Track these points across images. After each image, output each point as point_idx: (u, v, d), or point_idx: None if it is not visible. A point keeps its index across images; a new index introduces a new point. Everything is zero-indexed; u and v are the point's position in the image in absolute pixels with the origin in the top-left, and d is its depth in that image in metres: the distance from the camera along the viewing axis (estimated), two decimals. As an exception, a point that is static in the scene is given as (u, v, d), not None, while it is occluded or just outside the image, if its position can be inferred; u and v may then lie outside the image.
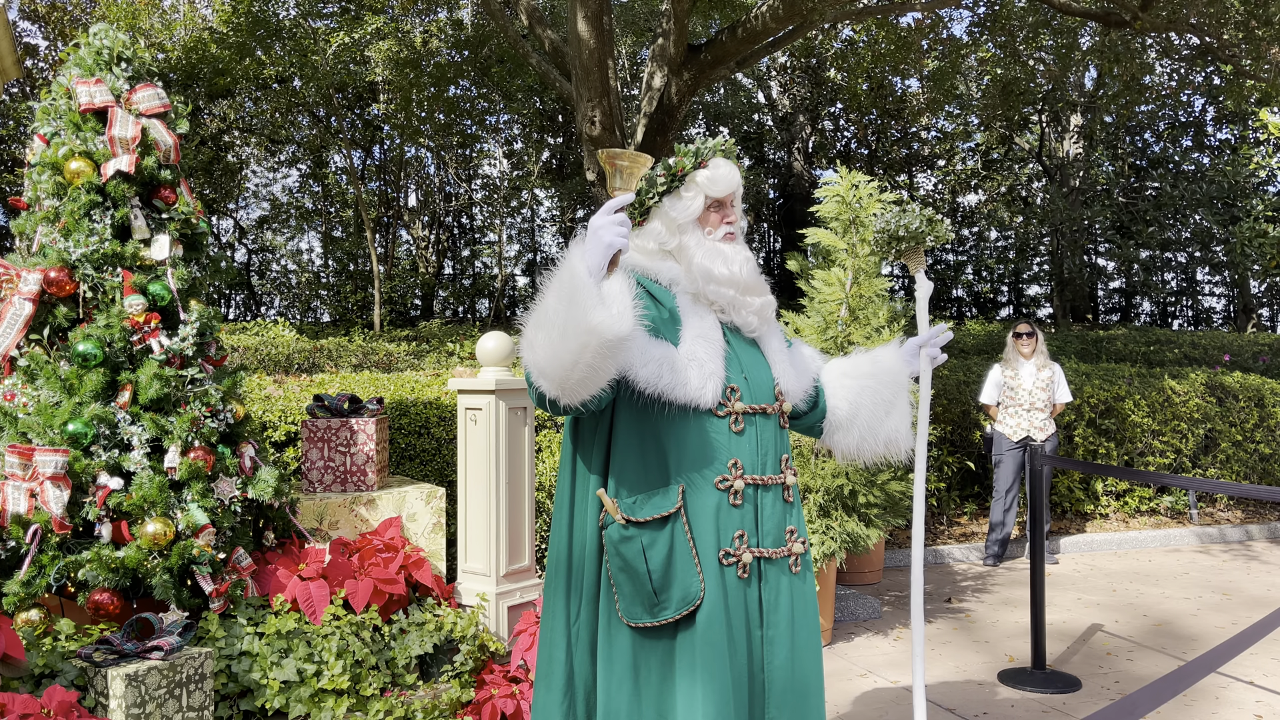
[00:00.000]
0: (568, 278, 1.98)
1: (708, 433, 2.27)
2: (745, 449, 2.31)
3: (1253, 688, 4.49)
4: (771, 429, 2.38)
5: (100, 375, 3.43)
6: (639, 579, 2.20)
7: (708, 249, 2.39)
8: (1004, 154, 22.16)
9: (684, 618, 2.20)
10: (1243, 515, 8.76)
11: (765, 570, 2.31)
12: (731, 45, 9.73)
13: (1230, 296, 23.18)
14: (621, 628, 2.24)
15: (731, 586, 2.24)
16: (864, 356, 2.72)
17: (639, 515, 2.21)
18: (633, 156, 2.07)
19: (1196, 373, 9.07)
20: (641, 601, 2.20)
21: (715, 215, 2.45)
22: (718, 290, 2.36)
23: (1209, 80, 16.63)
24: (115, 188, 3.58)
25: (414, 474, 5.59)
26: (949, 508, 7.96)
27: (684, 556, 2.20)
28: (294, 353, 9.58)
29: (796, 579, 2.36)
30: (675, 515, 2.21)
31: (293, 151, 19.82)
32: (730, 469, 2.27)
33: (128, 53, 3.82)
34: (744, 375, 2.36)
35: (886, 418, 2.64)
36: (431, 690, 3.66)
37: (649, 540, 2.19)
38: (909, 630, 5.42)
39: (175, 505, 3.41)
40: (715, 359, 2.29)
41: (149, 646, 3.05)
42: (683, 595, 2.19)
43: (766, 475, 2.33)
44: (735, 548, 2.25)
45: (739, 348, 2.41)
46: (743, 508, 2.28)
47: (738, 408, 2.31)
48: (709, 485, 2.25)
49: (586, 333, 1.95)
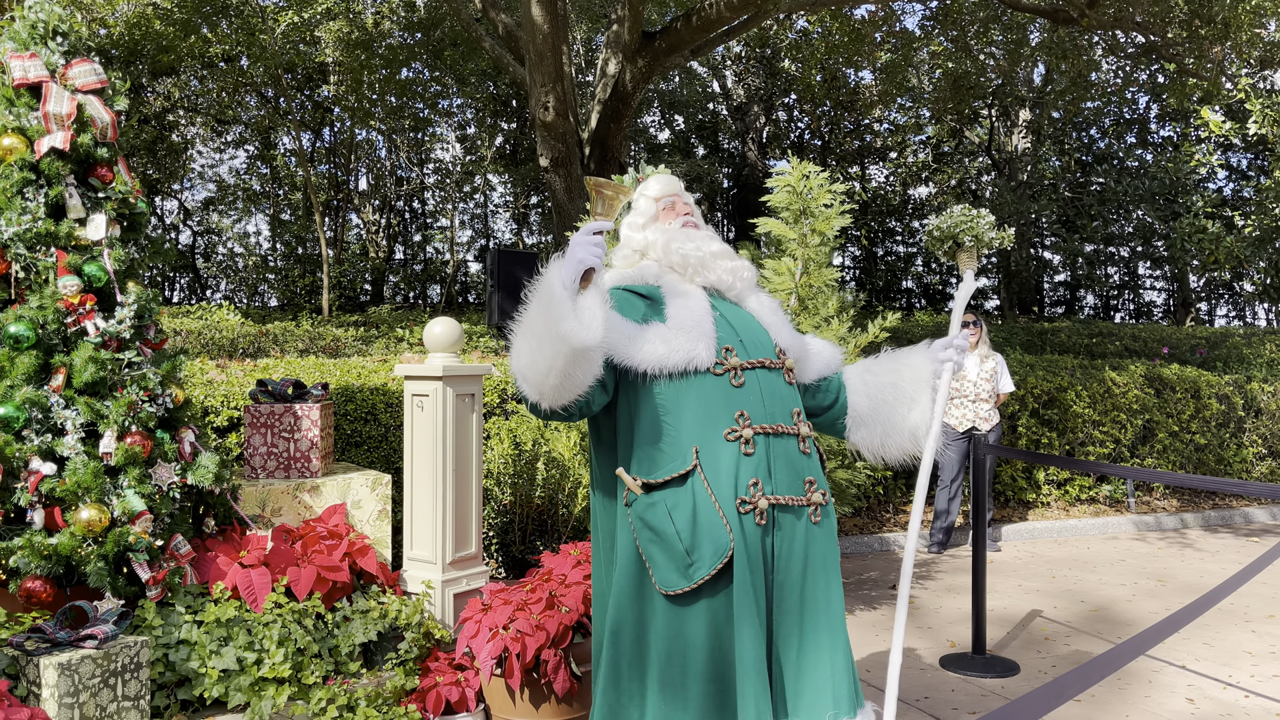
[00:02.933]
0: (545, 291, 2.15)
1: (710, 391, 2.36)
2: (750, 400, 2.39)
3: (1185, 671, 4.62)
4: (776, 382, 2.45)
5: (33, 358, 3.34)
6: (669, 541, 2.26)
7: (673, 233, 2.60)
8: (954, 147, 22.43)
9: (718, 574, 2.25)
10: (1178, 504, 8.99)
11: (779, 518, 2.36)
12: (686, 33, 9.72)
13: (1170, 291, 23.75)
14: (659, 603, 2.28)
15: (751, 534, 2.30)
16: (888, 355, 2.78)
17: (657, 478, 2.29)
18: (616, 187, 2.26)
19: (1136, 365, 9.28)
20: (675, 565, 2.26)
21: (669, 213, 2.69)
22: (687, 255, 2.53)
23: (1153, 78, 16.98)
24: (49, 165, 3.48)
25: (360, 461, 5.53)
26: (895, 495, 8.07)
27: (708, 510, 2.27)
28: (239, 337, 9.42)
29: (816, 529, 2.41)
30: (693, 472, 2.30)
31: (240, 132, 19.45)
32: (738, 419, 2.35)
33: (64, 27, 3.71)
34: (738, 336, 2.46)
35: (909, 413, 2.67)
36: (375, 678, 3.63)
37: (672, 501, 2.28)
38: (855, 616, 5.49)
39: (111, 491, 3.33)
40: (704, 322, 2.41)
41: (83, 635, 2.99)
42: (714, 549, 2.24)
43: (777, 424, 2.40)
44: (751, 495, 2.31)
45: (728, 311, 2.54)
46: (755, 456, 2.34)
47: (734, 362, 2.40)
48: (719, 438, 2.33)
49: (558, 340, 2.10)
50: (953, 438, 7.09)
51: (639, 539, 2.31)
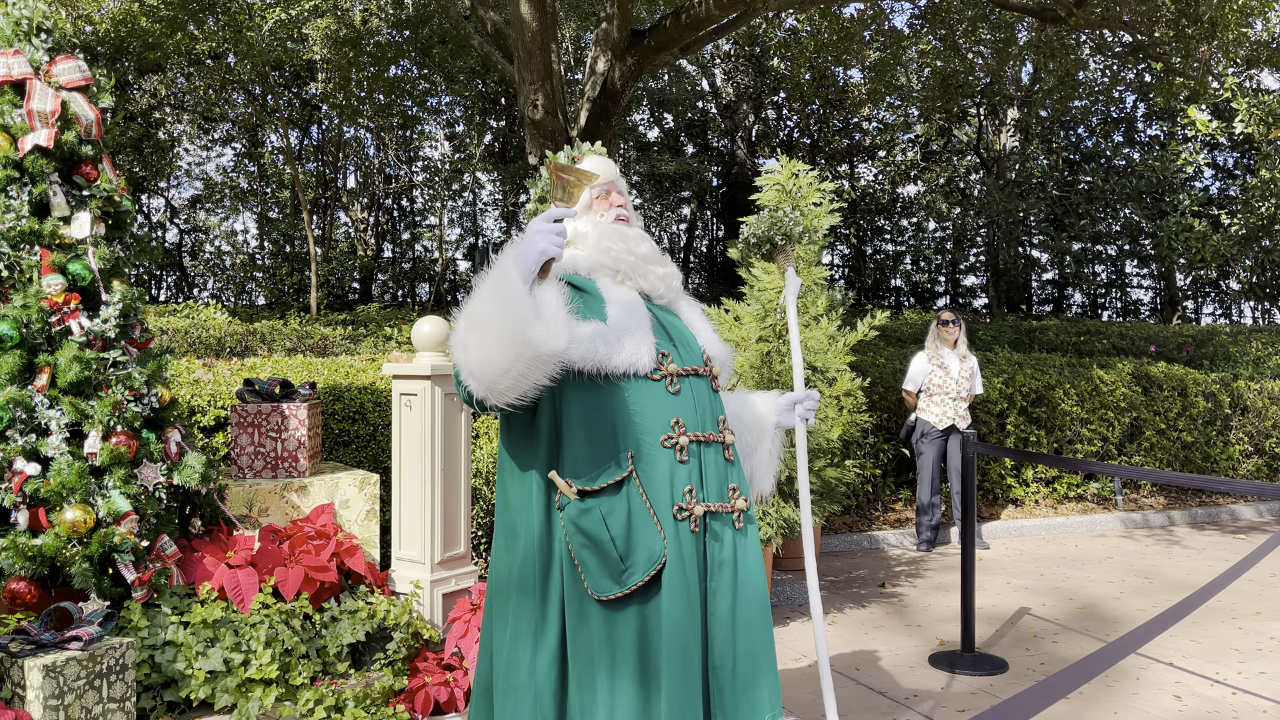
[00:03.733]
0: (501, 281, 2.05)
1: (646, 396, 2.36)
2: (685, 407, 2.39)
3: (1172, 669, 4.63)
4: (705, 390, 2.47)
5: (16, 357, 3.31)
6: (604, 548, 2.25)
7: (604, 229, 2.54)
8: (943, 146, 22.49)
9: (650, 580, 2.26)
10: (1165, 501, 9.03)
11: (711, 525, 2.39)
12: (675, 31, 9.71)
13: (1157, 289, 23.86)
14: (591, 608, 2.28)
15: (685, 541, 2.31)
16: (737, 397, 2.79)
17: (592, 485, 2.27)
18: (579, 173, 2.16)
19: (1124, 363, 9.32)
20: (609, 571, 2.25)
21: (602, 203, 2.63)
22: (619, 256, 2.49)
23: (1140, 77, 17.04)
24: (33, 163, 3.45)
25: (348, 460, 5.50)
26: (884, 494, 8.08)
27: (643, 517, 2.28)
28: (226, 336, 9.37)
29: (740, 535, 2.44)
30: (629, 479, 2.29)
31: (227, 130, 19.35)
32: (673, 427, 2.35)
33: (48, 23, 3.68)
34: (672, 341, 2.47)
35: (745, 460, 2.71)
36: (364, 678, 3.61)
37: (607, 508, 2.26)
38: (844, 615, 5.49)
39: (96, 492, 3.31)
40: (644, 326, 2.39)
41: (68, 637, 2.96)
42: (648, 556, 2.25)
43: (707, 432, 2.42)
44: (687, 502, 2.33)
45: (662, 316, 2.53)
46: (689, 463, 2.36)
47: (671, 369, 2.40)
48: (656, 445, 2.33)
49: (522, 344, 2.04)
50: (932, 436, 7.10)
51: (571, 544, 2.28)
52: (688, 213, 24.04)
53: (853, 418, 5.39)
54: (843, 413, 5.35)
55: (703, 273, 23.73)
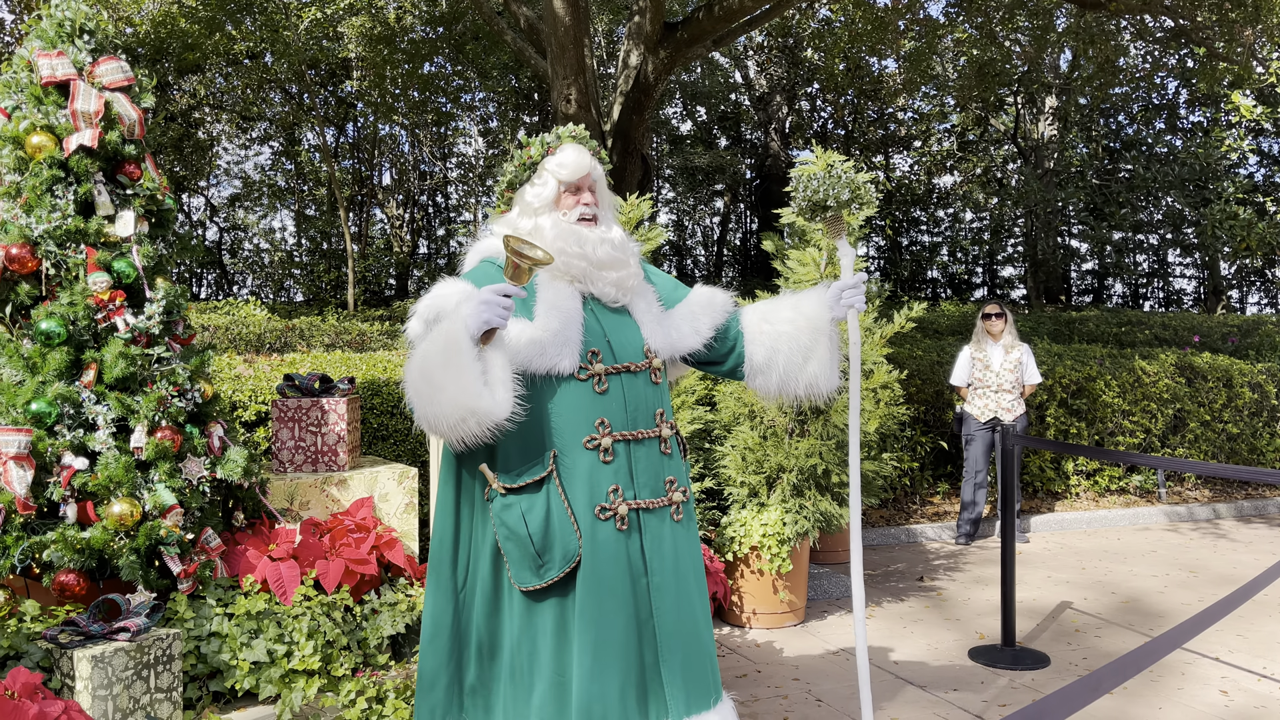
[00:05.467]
0: (452, 345, 2.16)
1: (572, 396, 2.40)
2: (612, 407, 2.43)
3: (1218, 663, 4.56)
4: (641, 385, 2.49)
5: (64, 354, 3.38)
6: (523, 543, 2.34)
7: (562, 230, 2.51)
8: (979, 135, 22.24)
9: (567, 575, 2.35)
10: (1210, 494, 8.88)
11: (645, 521, 2.45)
12: (708, 23, 9.67)
13: (1201, 278, 23.44)
14: (514, 594, 2.41)
15: (609, 540, 2.38)
16: (786, 301, 2.76)
17: (515, 483, 2.36)
18: (532, 259, 2.21)
19: (1166, 354, 9.16)
20: (528, 565, 2.35)
21: (570, 198, 2.58)
22: (570, 263, 2.48)
23: (1182, 63, 16.74)
24: (78, 163, 3.51)
25: (386, 454, 5.55)
26: (922, 487, 8.02)
27: (560, 516, 2.36)
28: (265, 332, 9.49)
29: (679, 527, 2.50)
30: (549, 478, 2.37)
31: (265, 128, 19.58)
32: (598, 428, 2.41)
33: (90, 25, 3.74)
34: (606, 339, 2.48)
35: (805, 364, 2.67)
36: (404, 670, 3.65)
37: (527, 505, 2.35)
38: (882, 608, 5.46)
39: (142, 485, 3.36)
40: (570, 326, 2.42)
41: (116, 628, 3.02)
42: (563, 553, 2.34)
43: (638, 430, 2.46)
44: (610, 501, 2.39)
45: (601, 314, 2.53)
46: (614, 463, 2.42)
47: (599, 369, 2.43)
48: (578, 446, 2.40)
49: (470, 412, 2.16)
50: (975, 428, 7.03)
51: (498, 534, 2.39)
52: (721, 206, 23.97)
53: (890, 410, 5.35)
54: (880, 405, 5.32)
55: (736, 265, 23.67)
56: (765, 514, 5.01)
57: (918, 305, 5.62)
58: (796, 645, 4.80)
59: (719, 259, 23.66)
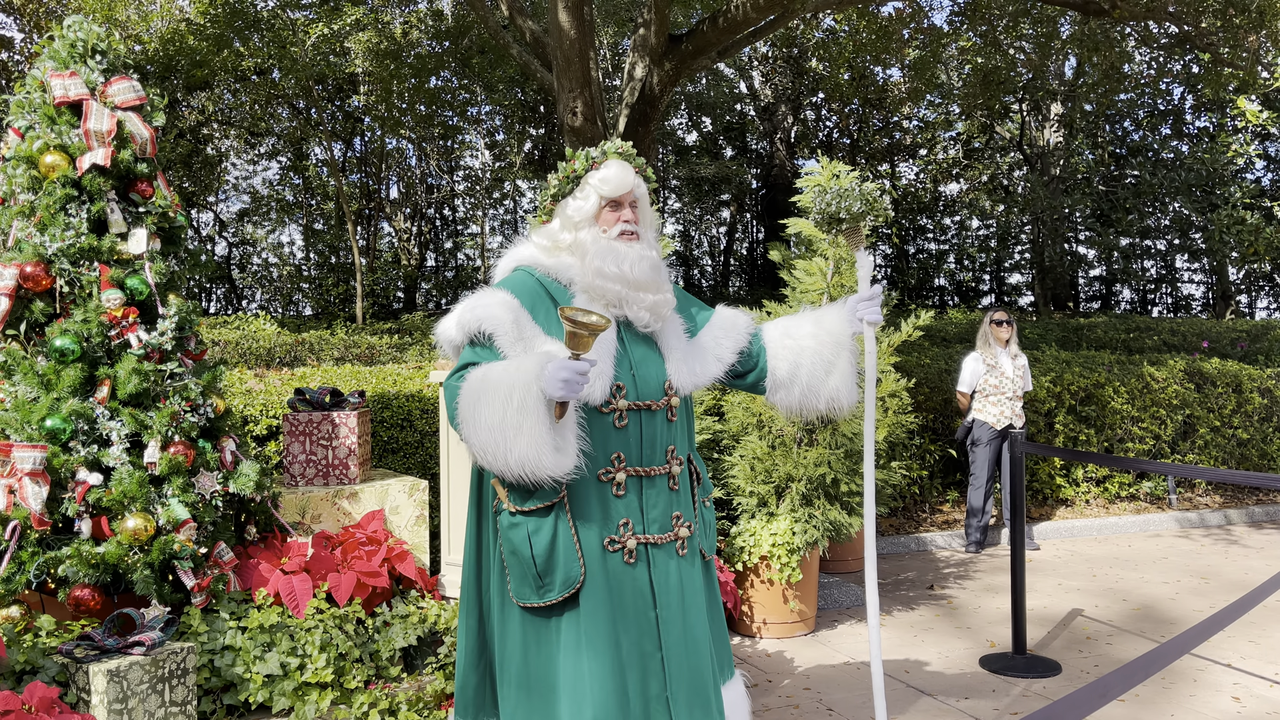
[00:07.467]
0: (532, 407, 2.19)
1: (593, 428, 2.41)
2: (629, 443, 2.45)
3: (1230, 670, 4.55)
4: (657, 423, 2.51)
5: (78, 370, 3.41)
6: (524, 563, 2.37)
7: (602, 247, 2.50)
8: (985, 143, 22.24)
9: (568, 599, 2.37)
10: (1221, 500, 8.85)
11: (654, 555, 2.46)
12: (713, 35, 9.72)
13: (1209, 283, 23.37)
14: (513, 607, 2.43)
15: (617, 571, 2.40)
16: (807, 316, 2.79)
17: (524, 505, 2.38)
18: (590, 326, 2.19)
19: (1175, 359, 9.14)
20: (529, 583, 2.38)
21: (611, 214, 2.57)
22: (606, 286, 2.47)
23: (1187, 68, 16.73)
24: (91, 181, 3.55)
25: (397, 467, 5.58)
26: (931, 495, 8.01)
27: (566, 543, 2.37)
28: (275, 346, 9.53)
29: (684, 562, 2.51)
30: (559, 505, 2.38)
31: (272, 144, 19.69)
32: (614, 462, 2.43)
33: (102, 45, 3.79)
34: (632, 373, 2.48)
35: (827, 377, 2.69)
36: (416, 682, 3.66)
37: (534, 527, 2.37)
38: (893, 617, 5.46)
39: (155, 500, 3.39)
40: (604, 359, 2.42)
41: (131, 642, 3.04)
42: (565, 578, 2.36)
43: (651, 467, 2.48)
44: (620, 535, 2.41)
45: (631, 345, 2.53)
46: (626, 497, 2.44)
47: (621, 405, 2.44)
48: (592, 477, 2.41)
49: (536, 468, 2.22)
50: (989, 436, 7.03)
51: (502, 548, 2.43)
52: (727, 216, 24.00)
53: (898, 419, 5.35)
54: (888, 414, 5.32)
55: (743, 275, 23.68)
56: (775, 524, 5.02)
57: (925, 313, 5.63)
58: (807, 655, 4.80)
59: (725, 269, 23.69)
